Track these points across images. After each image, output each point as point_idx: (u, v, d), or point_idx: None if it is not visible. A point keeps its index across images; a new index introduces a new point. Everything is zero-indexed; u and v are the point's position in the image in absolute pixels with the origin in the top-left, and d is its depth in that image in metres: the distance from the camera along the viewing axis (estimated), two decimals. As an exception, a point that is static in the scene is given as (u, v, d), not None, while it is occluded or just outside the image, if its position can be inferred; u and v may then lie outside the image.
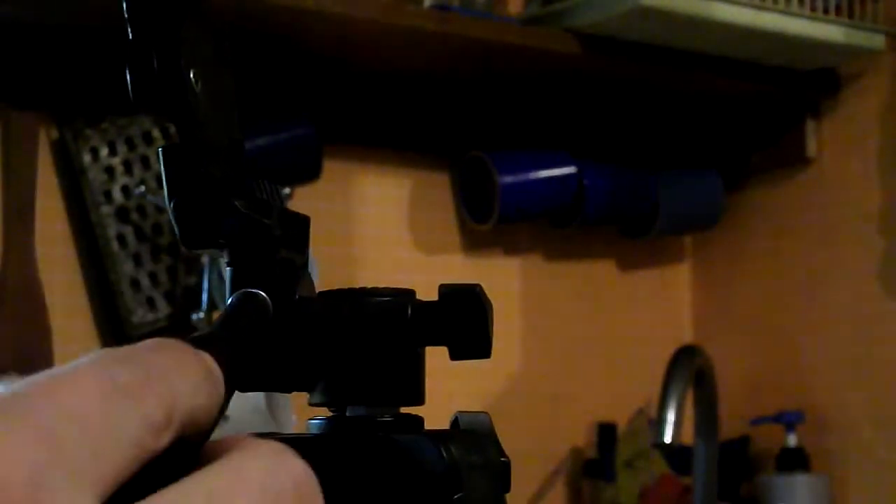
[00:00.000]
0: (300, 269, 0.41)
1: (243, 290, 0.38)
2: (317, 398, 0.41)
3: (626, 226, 1.86)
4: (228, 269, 0.40)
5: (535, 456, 1.80)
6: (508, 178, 1.68)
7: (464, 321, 0.40)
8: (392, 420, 0.41)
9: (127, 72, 0.37)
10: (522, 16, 1.61)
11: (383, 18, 1.42)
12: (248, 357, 0.35)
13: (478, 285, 0.41)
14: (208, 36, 0.40)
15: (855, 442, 1.73)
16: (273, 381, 0.40)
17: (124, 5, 0.37)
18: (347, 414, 0.41)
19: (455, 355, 0.40)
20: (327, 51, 1.49)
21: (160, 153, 0.39)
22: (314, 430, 0.41)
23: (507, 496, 0.41)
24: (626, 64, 1.61)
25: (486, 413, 0.42)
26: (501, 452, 0.41)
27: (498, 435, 0.42)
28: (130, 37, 0.37)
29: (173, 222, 0.40)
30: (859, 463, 1.73)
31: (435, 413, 0.46)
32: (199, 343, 0.31)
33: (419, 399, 0.41)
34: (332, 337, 0.40)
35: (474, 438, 0.40)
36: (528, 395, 1.82)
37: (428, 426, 0.42)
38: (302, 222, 0.41)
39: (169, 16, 0.37)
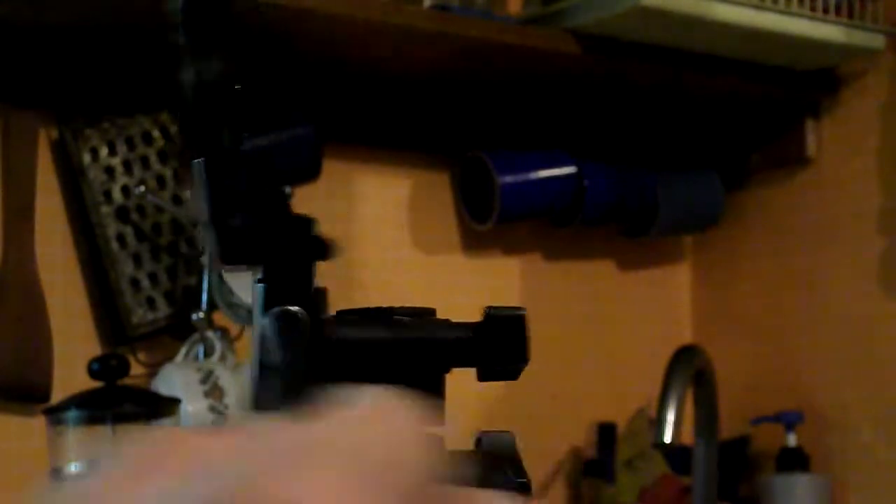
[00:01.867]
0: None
1: (283, 308, 0.38)
2: None
3: (626, 226, 1.86)
4: (260, 284, 0.39)
5: (535, 456, 1.79)
6: (508, 178, 1.68)
7: (508, 348, 0.39)
8: None
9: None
10: (522, 16, 1.61)
11: (383, 18, 1.42)
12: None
13: (523, 310, 0.40)
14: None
15: (855, 442, 1.73)
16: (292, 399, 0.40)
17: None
18: None
19: (485, 378, 0.40)
20: (327, 50, 1.49)
21: (200, 166, 0.38)
22: None
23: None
24: (626, 64, 1.61)
25: (510, 433, 0.41)
26: (521, 473, 0.40)
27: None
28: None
29: (212, 237, 0.39)
30: (859, 463, 1.73)
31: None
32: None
33: (440, 420, 0.41)
34: (367, 361, 0.39)
35: (494, 459, 0.40)
36: (528, 395, 1.81)
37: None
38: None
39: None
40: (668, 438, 1.41)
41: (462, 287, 1.76)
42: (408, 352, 0.39)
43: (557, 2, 1.55)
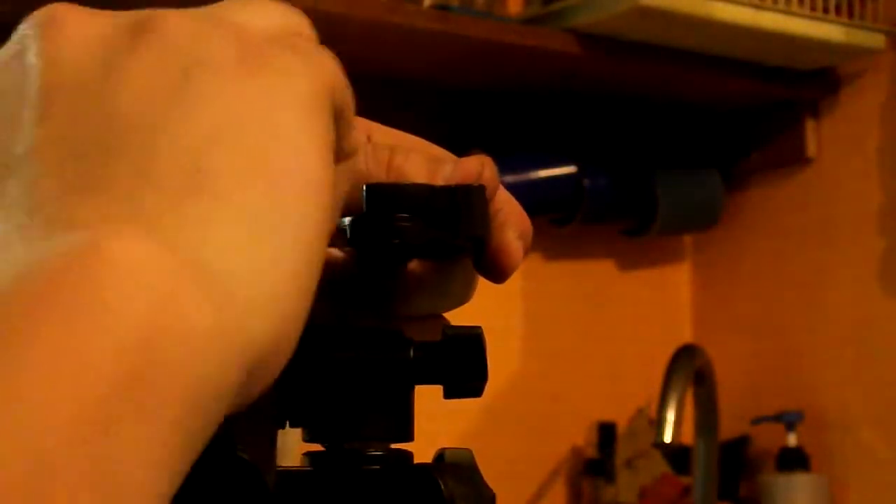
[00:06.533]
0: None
1: None
2: (310, 434, 0.41)
3: (626, 226, 1.86)
4: None
5: (535, 455, 1.80)
6: (508, 178, 1.68)
7: (465, 367, 0.40)
8: (383, 454, 0.41)
9: None
10: (522, 16, 1.61)
11: (383, 18, 1.42)
12: None
13: (479, 328, 0.41)
14: None
15: (855, 442, 1.73)
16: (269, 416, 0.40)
17: None
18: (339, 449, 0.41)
19: (449, 395, 0.41)
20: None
21: None
22: (308, 464, 0.41)
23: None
24: (626, 64, 1.61)
25: (468, 449, 0.42)
26: (487, 486, 0.41)
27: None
28: None
29: None
30: (859, 463, 1.73)
31: (437, 413, 0.46)
32: None
33: (409, 436, 0.42)
34: (329, 376, 0.40)
35: (463, 471, 0.41)
36: (529, 395, 1.81)
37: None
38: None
39: None
40: (668, 438, 1.42)
41: (462, 287, 1.76)
42: (370, 371, 0.40)
43: (557, 2, 1.56)
